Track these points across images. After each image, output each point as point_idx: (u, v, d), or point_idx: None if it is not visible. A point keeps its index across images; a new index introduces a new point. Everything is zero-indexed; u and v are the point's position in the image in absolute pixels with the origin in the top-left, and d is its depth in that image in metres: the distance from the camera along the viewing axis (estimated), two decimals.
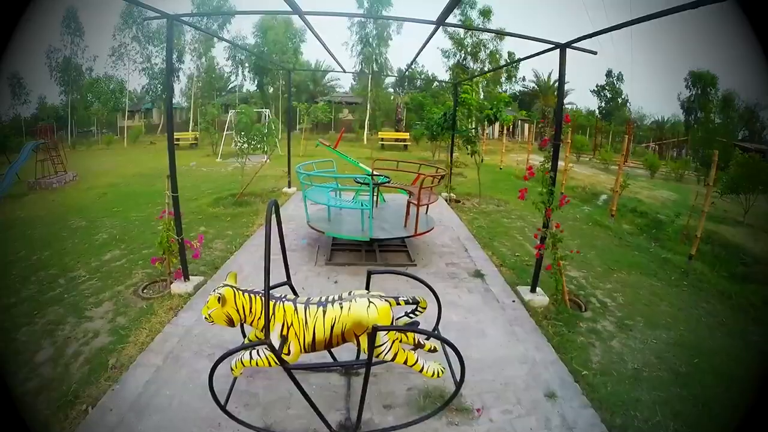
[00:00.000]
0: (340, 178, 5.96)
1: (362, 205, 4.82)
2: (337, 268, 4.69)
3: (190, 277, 4.28)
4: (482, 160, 8.61)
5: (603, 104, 37.50)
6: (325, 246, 5.24)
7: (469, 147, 8.33)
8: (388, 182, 5.75)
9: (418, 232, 4.87)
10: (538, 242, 4.08)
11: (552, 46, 3.66)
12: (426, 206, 5.23)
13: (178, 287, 4.12)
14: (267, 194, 8.57)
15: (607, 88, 37.50)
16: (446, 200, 8.37)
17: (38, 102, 29.72)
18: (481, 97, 20.61)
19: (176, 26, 26.09)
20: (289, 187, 9.08)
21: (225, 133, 17.66)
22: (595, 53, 3.87)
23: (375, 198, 5.74)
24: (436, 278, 4.44)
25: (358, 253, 5.02)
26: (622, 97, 37.29)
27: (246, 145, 8.21)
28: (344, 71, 8.08)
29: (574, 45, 3.69)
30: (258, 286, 2.22)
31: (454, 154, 9.43)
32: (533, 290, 4.25)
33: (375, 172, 6.11)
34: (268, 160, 15.82)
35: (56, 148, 11.86)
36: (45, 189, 10.46)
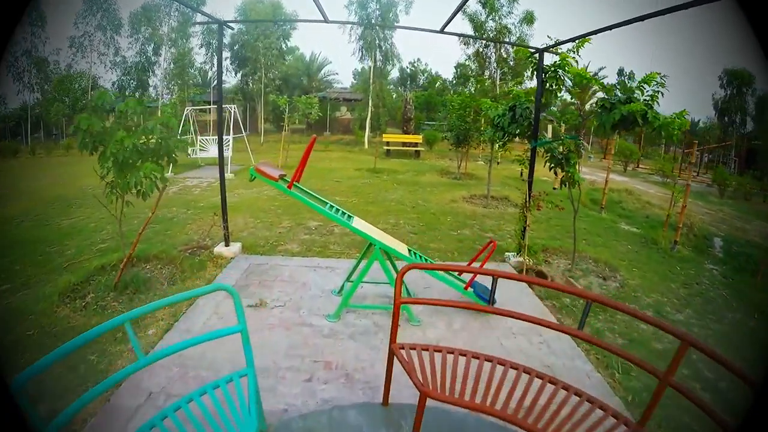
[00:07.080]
0: None
1: None
2: None
3: None
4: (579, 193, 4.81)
5: None
6: None
7: (560, 172, 4.55)
8: None
9: None
10: None
11: None
12: None
13: None
14: (181, 261, 4.71)
15: (618, 87, 34.33)
16: (519, 272, 4.55)
17: None
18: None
19: (153, 13, 21.65)
20: (227, 243, 5.03)
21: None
22: None
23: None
24: None
25: None
26: (634, 96, 34.18)
27: (113, 181, 3.70)
28: (326, 20, 4.22)
29: None
30: None
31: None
32: None
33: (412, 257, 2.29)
34: (233, 175, 11.41)
35: None
36: None
